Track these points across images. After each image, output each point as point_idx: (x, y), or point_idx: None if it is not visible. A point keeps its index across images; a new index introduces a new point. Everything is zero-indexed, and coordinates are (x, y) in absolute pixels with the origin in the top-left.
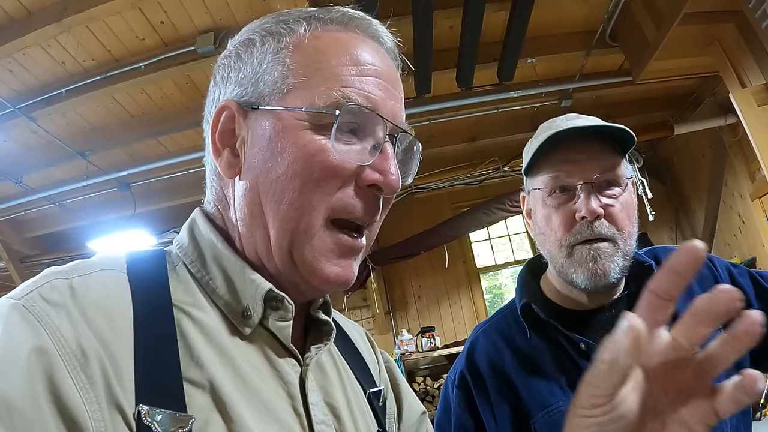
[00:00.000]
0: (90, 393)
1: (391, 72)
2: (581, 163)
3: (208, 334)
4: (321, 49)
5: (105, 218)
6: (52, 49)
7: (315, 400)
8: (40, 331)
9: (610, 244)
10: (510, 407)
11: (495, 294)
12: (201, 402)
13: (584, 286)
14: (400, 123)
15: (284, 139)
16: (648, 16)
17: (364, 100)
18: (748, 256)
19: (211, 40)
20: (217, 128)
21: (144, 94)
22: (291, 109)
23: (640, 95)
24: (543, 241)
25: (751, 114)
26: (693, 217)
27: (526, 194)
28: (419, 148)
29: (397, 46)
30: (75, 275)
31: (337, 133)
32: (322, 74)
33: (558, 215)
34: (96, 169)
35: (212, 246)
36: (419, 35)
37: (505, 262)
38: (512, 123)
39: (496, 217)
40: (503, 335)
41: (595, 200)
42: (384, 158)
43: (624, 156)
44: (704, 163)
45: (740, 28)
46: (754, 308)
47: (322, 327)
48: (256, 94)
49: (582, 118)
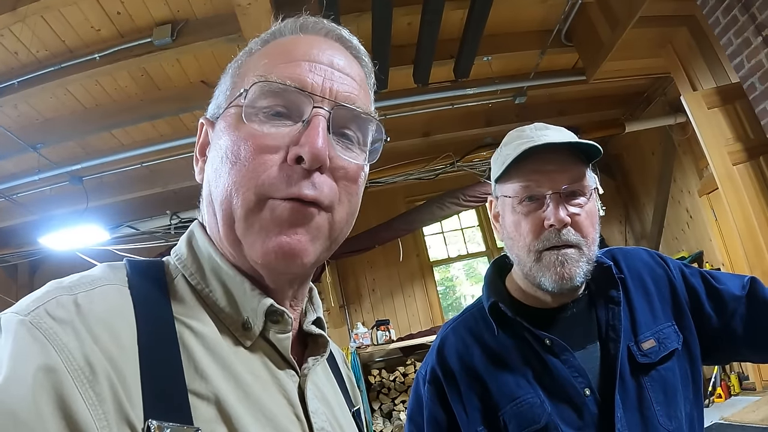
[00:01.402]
0: (99, 410)
1: (335, 59)
2: (551, 174)
3: (210, 347)
4: (262, 54)
5: (57, 213)
6: (4, 39)
7: (315, 408)
8: (49, 348)
9: (576, 250)
10: (480, 400)
11: (447, 286)
12: (206, 414)
13: (551, 288)
14: (341, 100)
15: (224, 132)
16: (603, 18)
17: (284, 79)
18: (695, 250)
19: (168, 32)
20: (198, 143)
21: (98, 86)
22: (225, 107)
23: (593, 93)
24: (511, 245)
25: (701, 116)
26: (642, 212)
27: (494, 199)
28: (379, 127)
29: (353, 36)
30: (79, 291)
31: (264, 117)
32: (254, 72)
33: (527, 222)
34: (48, 162)
35: (210, 259)
36: (378, 31)
37: (458, 254)
38: (467, 119)
39: (450, 211)
40: (472, 332)
41: (563, 209)
42: (308, 131)
43: (589, 166)
44: (654, 160)
45: (693, 33)
46: (705, 307)
47: (318, 340)
48: (217, 107)
49: (550, 128)
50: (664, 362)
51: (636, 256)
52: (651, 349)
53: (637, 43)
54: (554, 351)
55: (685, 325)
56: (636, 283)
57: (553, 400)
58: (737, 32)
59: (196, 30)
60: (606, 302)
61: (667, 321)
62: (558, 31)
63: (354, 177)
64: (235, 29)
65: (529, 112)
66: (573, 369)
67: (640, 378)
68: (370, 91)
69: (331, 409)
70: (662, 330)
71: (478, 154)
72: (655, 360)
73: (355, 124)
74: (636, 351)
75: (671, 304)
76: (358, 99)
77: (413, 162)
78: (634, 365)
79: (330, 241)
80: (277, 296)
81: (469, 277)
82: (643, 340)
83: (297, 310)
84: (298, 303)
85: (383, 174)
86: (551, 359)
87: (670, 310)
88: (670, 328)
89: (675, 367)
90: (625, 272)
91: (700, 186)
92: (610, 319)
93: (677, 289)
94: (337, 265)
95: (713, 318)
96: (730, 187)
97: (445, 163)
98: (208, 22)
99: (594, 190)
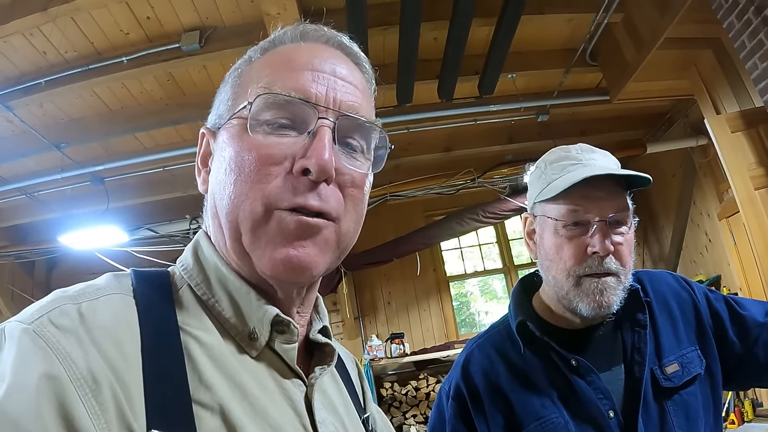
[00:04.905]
0: (101, 419)
1: (338, 67)
2: (599, 201)
3: (215, 357)
4: (263, 63)
5: (77, 212)
6: (34, 38)
7: (322, 418)
8: (52, 357)
9: (615, 279)
10: (503, 418)
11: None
12: (211, 424)
13: (587, 314)
14: (345, 110)
15: (227, 144)
16: (629, 38)
17: (288, 90)
18: (713, 273)
19: (196, 38)
20: (200, 153)
21: (124, 89)
22: (228, 118)
23: (615, 113)
24: (549, 266)
25: (725, 139)
26: (661, 234)
27: (531, 216)
28: (382, 134)
29: (353, 43)
30: (83, 300)
31: (269, 129)
32: (257, 82)
33: (570, 247)
34: (70, 161)
35: (217, 269)
36: (404, 45)
37: (474, 270)
38: (489, 135)
39: (469, 227)
40: (497, 349)
41: (608, 238)
42: (314, 142)
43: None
44: (674, 182)
45: (717, 56)
46: (728, 333)
47: (324, 348)
48: (219, 117)
49: (596, 151)
50: (686, 387)
51: (662, 279)
52: (674, 374)
53: (662, 65)
54: (580, 372)
55: (709, 350)
56: (661, 306)
57: (577, 421)
58: (763, 57)
59: (224, 37)
60: (632, 325)
61: (691, 345)
62: (583, 51)
63: (359, 186)
64: (262, 38)
65: (551, 131)
66: (598, 391)
67: (663, 402)
68: (371, 98)
69: (340, 417)
70: (686, 354)
71: (499, 171)
72: (678, 384)
73: (359, 133)
74: (660, 375)
75: (695, 328)
76: (361, 108)
77: (434, 176)
78: (657, 389)
79: (339, 251)
80: (284, 305)
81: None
82: (666, 364)
83: (304, 317)
84: (305, 310)
85: (403, 188)
86: (577, 380)
87: (694, 335)
88: (693, 352)
89: (697, 392)
90: (651, 295)
91: (720, 209)
92: (636, 342)
93: (702, 313)
94: (353, 276)
95: (736, 344)
96: (751, 211)
97: (465, 179)
98: (237, 30)
99: (634, 220)
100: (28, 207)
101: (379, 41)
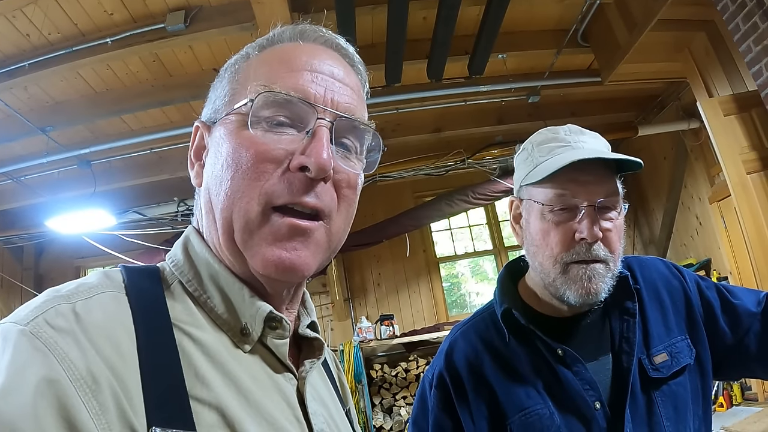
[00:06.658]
0: (102, 419)
1: (335, 69)
2: (588, 185)
3: (209, 352)
4: (262, 61)
5: (64, 196)
6: (17, 20)
7: (314, 410)
8: (50, 359)
9: (603, 266)
10: (487, 408)
11: (452, 283)
12: (208, 419)
13: (574, 302)
14: (342, 111)
15: (225, 140)
16: (621, 19)
17: (288, 90)
18: (703, 257)
19: (181, 18)
20: (193, 146)
21: (109, 71)
22: (226, 114)
23: (606, 95)
24: (535, 252)
25: (717, 123)
26: (651, 217)
27: (517, 200)
28: (375, 136)
29: (348, 44)
30: (77, 299)
31: (267, 126)
32: (256, 80)
33: (557, 232)
34: (56, 145)
35: (208, 265)
36: (393, 25)
37: (465, 252)
38: (479, 116)
39: (458, 208)
40: (482, 337)
41: (597, 224)
42: (312, 141)
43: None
44: (665, 165)
45: (711, 38)
46: (719, 322)
47: (313, 342)
48: (214, 111)
49: (586, 133)
50: (675, 377)
51: (652, 266)
52: (663, 363)
53: (654, 47)
54: (566, 362)
55: (699, 339)
56: (651, 294)
57: (563, 412)
58: (757, 40)
59: (210, 17)
60: (621, 313)
61: (681, 334)
62: (574, 31)
63: (353, 187)
64: (249, 17)
65: (542, 112)
66: (584, 381)
67: (650, 393)
68: (364, 100)
69: (328, 409)
70: (675, 344)
71: (488, 152)
72: (667, 375)
73: (353, 134)
74: (648, 365)
75: (686, 317)
76: (356, 109)
77: (423, 157)
78: (645, 379)
79: (329, 251)
80: (274, 301)
81: (474, 274)
82: (655, 353)
83: (293, 313)
84: (294, 306)
85: (392, 168)
86: (563, 370)
87: (684, 323)
88: (683, 341)
89: (686, 382)
90: (641, 283)
91: (711, 193)
92: (624, 331)
93: (692, 302)
94: (343, 258)
95: (727, 333)
96: (743, 195)
97: (455, 160)
98: (222, 9)
99: (624, 205)
100: (15, 192)
101: (367, 20)
